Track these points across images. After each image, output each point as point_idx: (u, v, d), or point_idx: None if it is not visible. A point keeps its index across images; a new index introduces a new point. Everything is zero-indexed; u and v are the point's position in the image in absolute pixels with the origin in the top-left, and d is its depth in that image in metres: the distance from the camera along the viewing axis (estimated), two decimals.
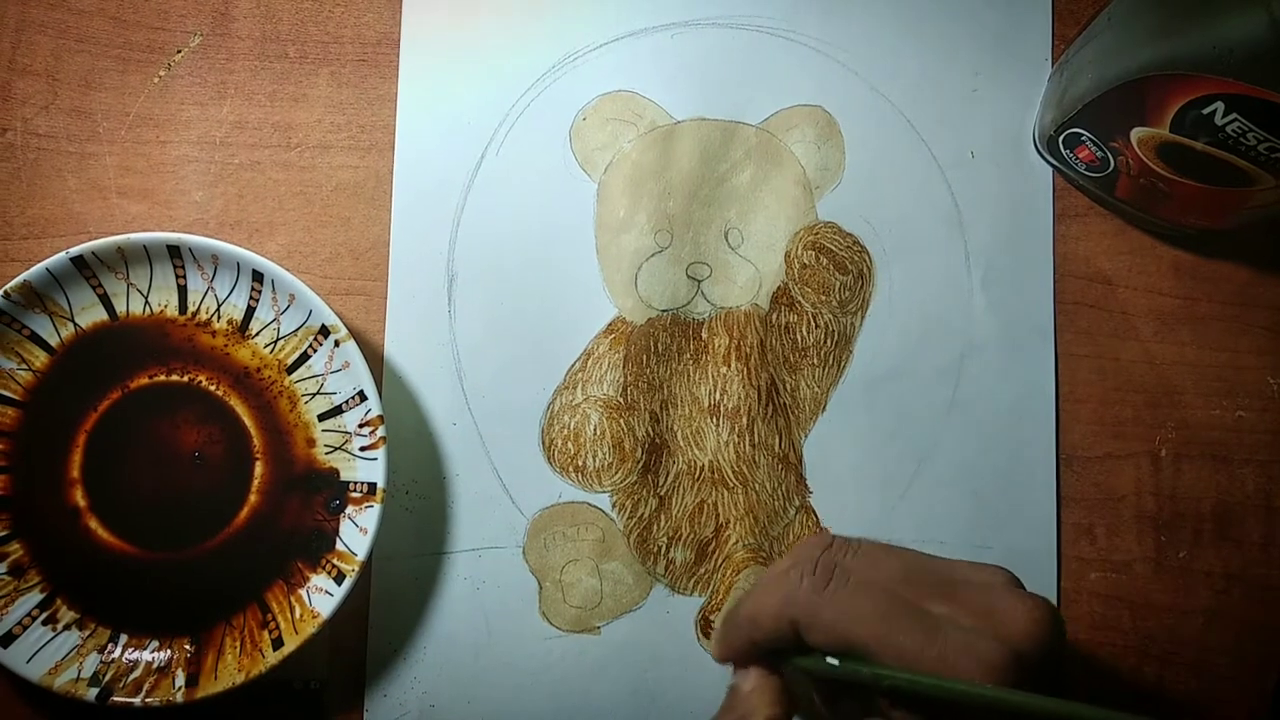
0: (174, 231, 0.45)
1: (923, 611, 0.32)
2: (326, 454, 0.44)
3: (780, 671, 0.36)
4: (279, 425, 0.45)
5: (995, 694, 0.30)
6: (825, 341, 0.48)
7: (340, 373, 0.44)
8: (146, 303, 0.44)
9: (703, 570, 0.48)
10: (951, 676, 0.31)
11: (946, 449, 0.48)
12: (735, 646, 0.37)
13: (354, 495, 0.44)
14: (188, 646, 0.43)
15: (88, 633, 0.43)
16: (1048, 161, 0.49)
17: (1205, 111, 0.39)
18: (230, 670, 0.43)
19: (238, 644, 0.43)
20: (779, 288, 0.48)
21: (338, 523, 0.44)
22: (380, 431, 0.43)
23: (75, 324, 0.44)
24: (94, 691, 0.42)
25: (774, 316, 0.48)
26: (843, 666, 0.33)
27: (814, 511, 0.48)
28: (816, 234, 0.49)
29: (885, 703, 0.33)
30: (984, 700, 0.30)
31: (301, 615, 0.43)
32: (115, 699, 0.42)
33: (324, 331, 0.44)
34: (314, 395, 0.45)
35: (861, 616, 0.32)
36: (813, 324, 0.48)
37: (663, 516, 0.47)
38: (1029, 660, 0.31)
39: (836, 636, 0.33)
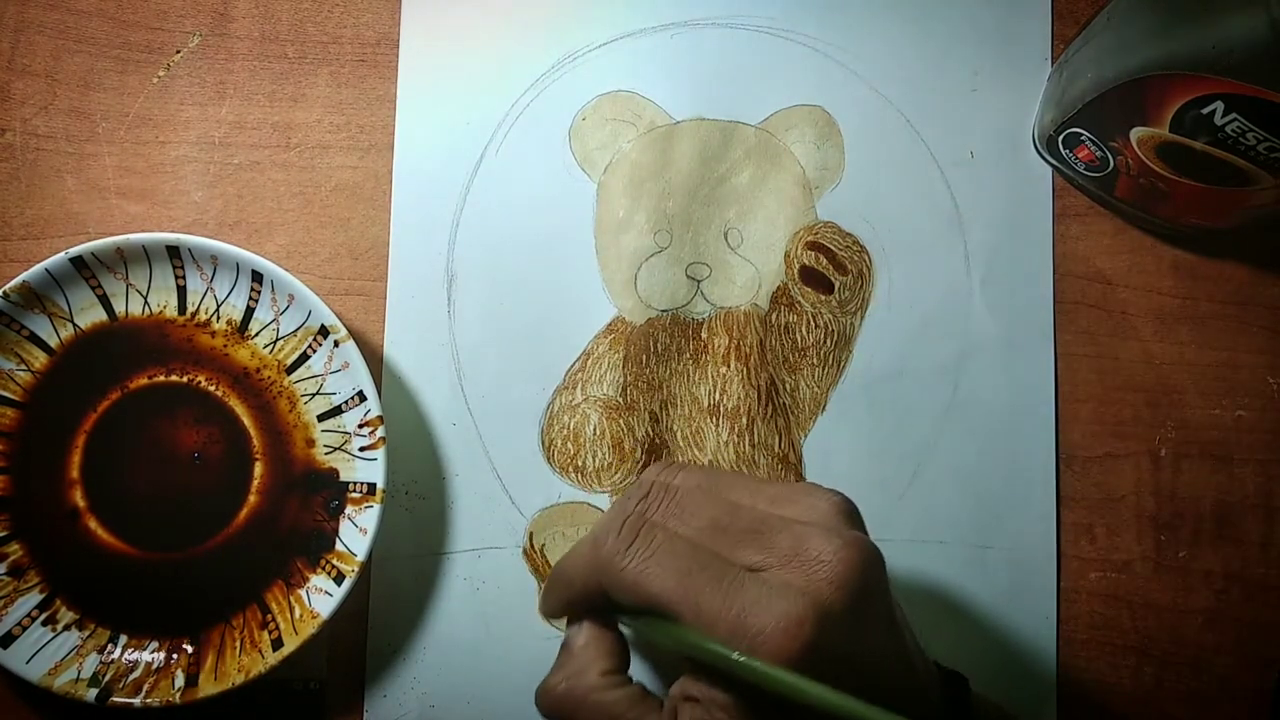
0: (173, 232, 0.45)
1: (726, 565, 0.31)
2: (326, 454, 0.44)
3: (614, 625, 0.36)
4: (278, 426, 0.45)
5: (762, 671, 0.29)
6: (825, 341, 0.48)
7: (339, 373, 0.44)
8: (146, 303, 0.44)
9: None
10: (751, 635, 0.29)
11: (946, 449, 0.48)
12: (554, 607, 0.37)
13: (353, 495, 0.44)
14: (187, 647, 0.43)
15: (87, 633, 0.43)
16: (1047, 161, 0.49)
17: (1205, 111, 0.39)
18: (230, 670, 0.43)
19: (237, 644, 0.43)
20: (779, 288, 0.48)
21: (337, 523, 0.44)
22: (380, 432, 0.43)
23: (74, 324, 0.44)
24: (93, 692, 0.42)
25: (774, 316, 0.48)
26: (637, 630, 0.33)
27: None
28: (816, 234, 0.48)
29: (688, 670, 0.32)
30: (753, 674, 0.29)
31: (301, 615, 0.43)
32: (115, 699, 0.42)
33: (323, 332, 0.44)
34: (313, 395, 0.45)
35: (662, 577, 0.31)
36: (812, 324, 0.48)
37: None
38: (834, 610, 0.30)
39: (640, 599, 0.32)
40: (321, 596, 0.43)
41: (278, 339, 0.44)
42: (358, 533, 0.43)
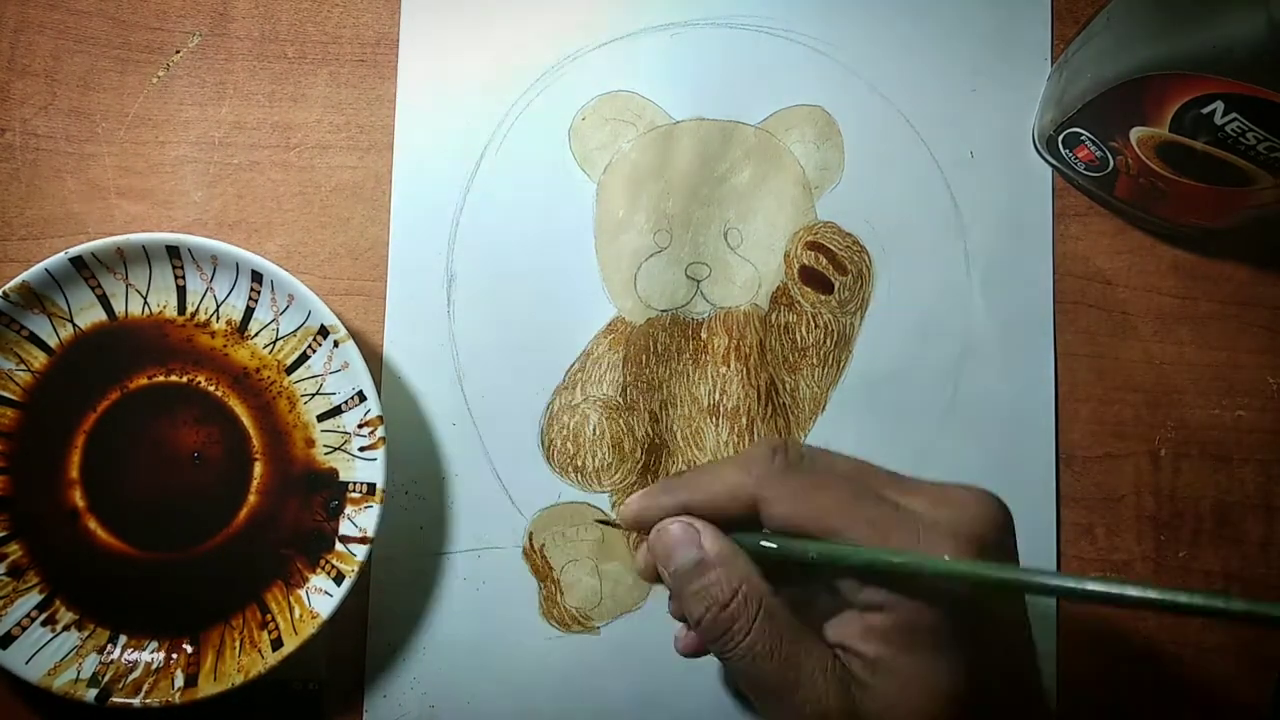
0: (173, 232, 0.45)
1: (882, 498, 0.33)
2: (326, 454, 0.44)
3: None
4: (278, 426, 0.45)
5: (951, 565, 0.31)
6: (824, 341, 0.48)
7: (339, 373, 0.44)
8: (145, 303, 0.44)
9: None
10: (931, 545, 0.32)
11: (946, 449, 0.48)
12: (667, 509, 0.35)
13: (353, 496, 0.44)
14: (187, 647, 0.43)
15: (87, 633, 0.43)
16: (1047, 161, 0.49)
17: (1204, 111, 0.39)
18: (229, 671, 0.43)
19: (237, 644, 0.43)
20: (778, 288, 0.48)
21: (337, 523, 0.44)
22: (379, 432, 0.43)
23: (74, 324, 0.44)
24: (93, 692, 0.42)
25: (773, 316, 0.48)
26: (783, 547, 0.33)
27: None
28: (816, 234, 0.48)
29: (849, 581, 0.33)
30: (939, 570, 0.31)
31: (301, 616, 0.43)
32: (114, 700, 0.42)
33: (323, 332, 0.44)
34: (313, 395, 0.45)
35: (826, 499, 0.33)
36: (812, 324, 0.48)
37: None
38: (988, 541, 0.32)
39: (801, 516, 0.33)
40: (321, 596, 0.43)
41: (277, 339, 0.44)
42: (357, 533, 0.43)
